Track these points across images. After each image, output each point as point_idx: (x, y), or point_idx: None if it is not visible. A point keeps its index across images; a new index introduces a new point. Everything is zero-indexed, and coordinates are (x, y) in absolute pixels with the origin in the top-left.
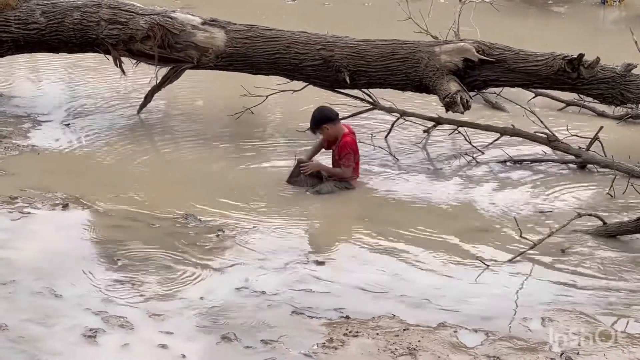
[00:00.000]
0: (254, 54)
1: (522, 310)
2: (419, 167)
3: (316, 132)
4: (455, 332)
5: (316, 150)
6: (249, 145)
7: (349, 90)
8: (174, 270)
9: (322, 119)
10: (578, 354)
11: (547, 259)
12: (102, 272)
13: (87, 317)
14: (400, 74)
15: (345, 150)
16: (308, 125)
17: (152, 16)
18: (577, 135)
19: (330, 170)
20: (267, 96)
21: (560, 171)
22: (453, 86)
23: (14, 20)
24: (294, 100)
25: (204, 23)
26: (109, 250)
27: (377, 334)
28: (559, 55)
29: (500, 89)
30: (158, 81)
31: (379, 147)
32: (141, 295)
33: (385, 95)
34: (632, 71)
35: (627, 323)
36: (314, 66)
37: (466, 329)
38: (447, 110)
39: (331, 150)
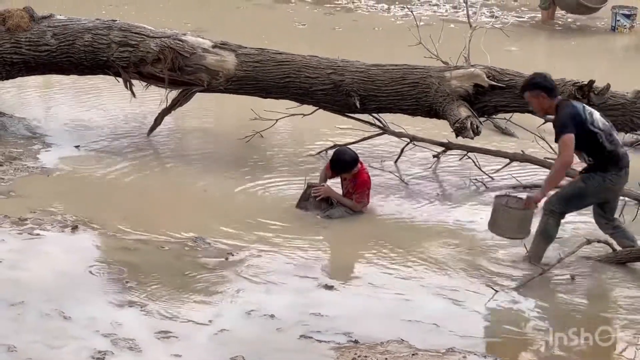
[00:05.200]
0: (265, 78)
1: (531, 336)
2: (428, 192)
3: (349, 172)
4: (464, 357)
5: (326, 177)
6: (259, 168)
7: (359, 114)
8: (183, 293)
9: (355, 160)
10: None
11: (556, 286)
12: (111, 295)
13: (95, 339)
14: (411, 98)
15: (362, 188)
16: (318, 149)
17: (163, 39)
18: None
19: (340, 199)
20: (277, 120)
21: None
22: (463, 111)
23: (25, 42)
24: (303, 124)
25: (214, 46)
26: (118, 273)
27: (386, 358)
28: (569, 81)
29: (510, 114)
30: (168, 104)
31: (389, 171)
32: (150, 318)
33: (396, 120)
34: None
35: (636, 350)
36: (324, 90)
37: (475, 354)
38: (457, 136)
39: (340, 178)
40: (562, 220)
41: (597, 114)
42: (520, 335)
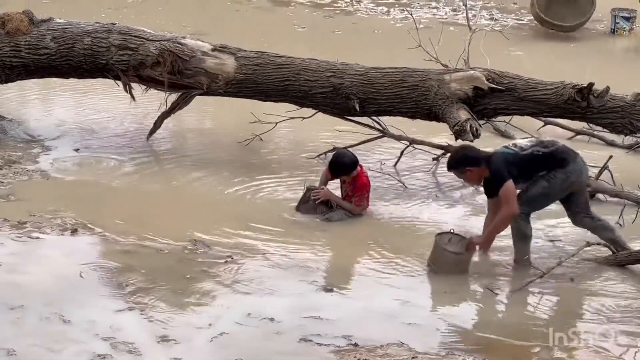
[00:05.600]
0: (264, 81)
1: (530, 339)
2: (427, 195)
3: (348, 175)
4: None
5: (326, 180)
6: (258, 172)
7: (359, 117)
8: (182, 296)
9: (355, 163)
10: None
11: (556, 288)
12: (111, 298)
13: (95, 342)
14: (410, 101)
15: (361, 191)
16: (317, 152)
17: (162, 42)
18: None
19: (340, 202)
20: (276, 123)
21: None
22: (463, 114)
23: (24, 45)
24: (303, 127)
25: (214, 49)
26: (118, 276)
27: None
28: (569, 84)
29: (509, 117)
30: (167, 107)
31: (388, 174)
32: (150, 321)
33: (395, 123)
34: None
35: (636, 353)
36: (323, 93)
37: (475, 357)
38: (456, 139)
39: (339, 181)
40: (561, 223)
41: (520, 140)
42: (520, 337)
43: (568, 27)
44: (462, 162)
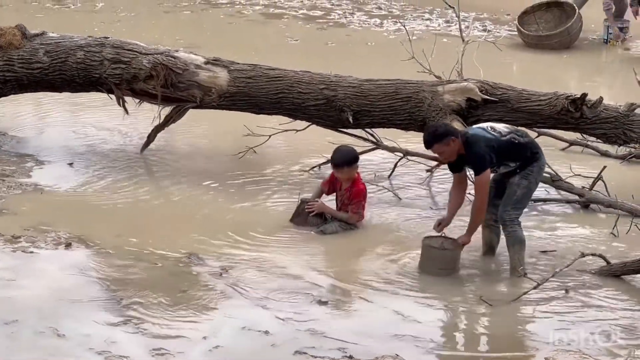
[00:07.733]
0: (257, 94)
1: (525, 351)
2: (421, 207)
3: (348, 169)
4: None
5: (320, 193)
6: (252, 184)
7: (352, 129)
8: (177, 309)
9: (356, 157)
10: None
11: (551, 299)
12: (106, 312)
13: (90, 357)
14: (404, 113)
15: (358, 197)
16: (311, 164)
17: (156, 55)
18: (580, 175)
19: (335, 213)
20: (270, 135)
21: (564, 211)
22: (456, 126)
23: (17, 60)
24: (297, 140)
25: (207, 62)
26: (112, 290)
27: None
28: (562, 94)
29: None
30: (161, 121)
31: (382, 186)
32: (144, 335)
33: (389, 135)
34: (635, 111)
35: None
36: (317, 106)
37: None
38: None
39: (335, 194)
40: (556, 234)
41: (497, 125)
42: (514, 349)
43: (548, 36)
44: (449, 133)
